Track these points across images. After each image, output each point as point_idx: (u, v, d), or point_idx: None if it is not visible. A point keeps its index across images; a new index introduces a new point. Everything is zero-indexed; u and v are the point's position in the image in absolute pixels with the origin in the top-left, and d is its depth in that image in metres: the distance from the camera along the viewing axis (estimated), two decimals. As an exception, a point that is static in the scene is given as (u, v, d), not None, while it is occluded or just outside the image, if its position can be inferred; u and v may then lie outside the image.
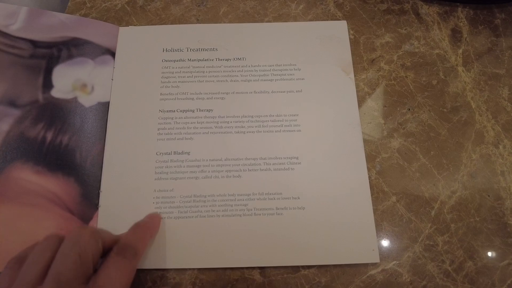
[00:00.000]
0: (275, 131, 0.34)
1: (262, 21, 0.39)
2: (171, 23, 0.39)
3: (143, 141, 0.33)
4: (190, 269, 0.30)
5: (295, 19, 0.39)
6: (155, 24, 0.39)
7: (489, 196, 0.33)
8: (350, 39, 0.38)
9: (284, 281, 0.30)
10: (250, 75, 0.36)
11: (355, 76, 0.37)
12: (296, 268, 0.31)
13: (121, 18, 0.39)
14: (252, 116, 0.34)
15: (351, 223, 0.31)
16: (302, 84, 0.36)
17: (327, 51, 0.37)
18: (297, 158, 0.33)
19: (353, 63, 0.37)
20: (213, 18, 0.39)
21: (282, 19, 0.39)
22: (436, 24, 0.39)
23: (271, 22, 0.39)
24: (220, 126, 0.34)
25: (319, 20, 0.39)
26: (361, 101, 0.36)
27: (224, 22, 0.39)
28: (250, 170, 0.32)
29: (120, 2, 0.40)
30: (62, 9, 0.42)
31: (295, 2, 0.40)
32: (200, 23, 0.39)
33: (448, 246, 0.31)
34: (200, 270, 0.30)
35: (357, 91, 0.36)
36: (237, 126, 0.34)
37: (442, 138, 0.35)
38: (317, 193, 0.32)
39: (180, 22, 0.39)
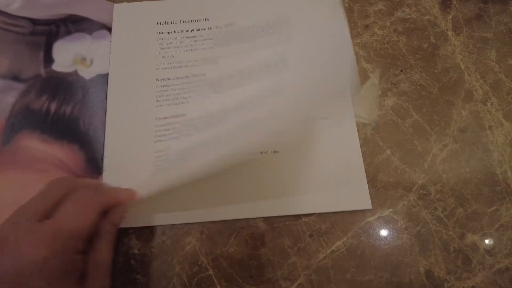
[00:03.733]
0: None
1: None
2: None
3: (143, 108, 0.35)
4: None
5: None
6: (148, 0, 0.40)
7: (478, 149, 0.35)
8: (344, 7, 0.40)
9: (286, 228, 0.32)
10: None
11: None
12: (297, 216, 0.32)
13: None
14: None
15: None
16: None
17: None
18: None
19: (349, 29, 0.39)
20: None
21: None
22: (426, -9, 0.41)
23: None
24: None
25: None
26: (356, 63, 0.38)
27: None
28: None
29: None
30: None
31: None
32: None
33: (440, 195, 0.33)
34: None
35: (353, 55, 0.38)
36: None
37: (433, 97, 0.37)
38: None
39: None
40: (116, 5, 0.39)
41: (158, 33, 0.38)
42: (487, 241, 0.31)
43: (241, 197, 0.32)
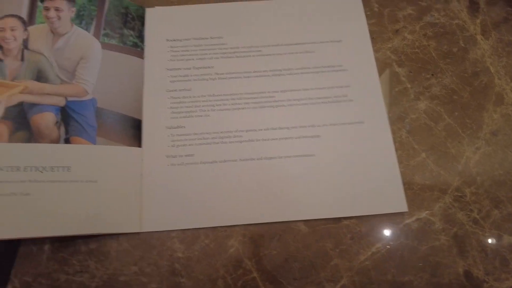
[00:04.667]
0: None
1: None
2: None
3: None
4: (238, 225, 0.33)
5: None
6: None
7: (511, 151, 0.35)
8: (374, 11, 0.41)
9: (327, 230, 0.33)
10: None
11: (381, 45, 0.39)
12: (337, 219, 0.33)
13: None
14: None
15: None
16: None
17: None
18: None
19: (379, 34, 0.40)
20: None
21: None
22: (454, -4, 0.41)
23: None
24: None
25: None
26: (388, 68, 0.38)
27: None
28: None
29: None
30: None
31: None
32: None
33: (476, 197, 0.34)
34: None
35: (384, 59, 0.39)
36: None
37: (464, 100, 0.37)
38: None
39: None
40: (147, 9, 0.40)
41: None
42: (523, 242, 0.32)
43: (282, 199, 0.33)
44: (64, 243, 0.33)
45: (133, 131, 0.35)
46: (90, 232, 0.32)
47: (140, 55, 0.38)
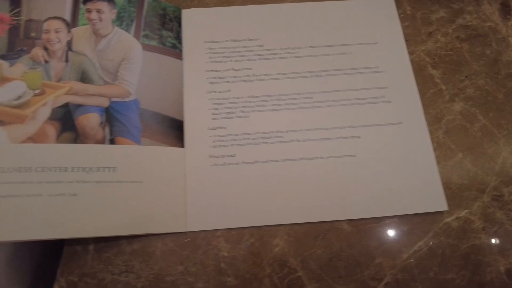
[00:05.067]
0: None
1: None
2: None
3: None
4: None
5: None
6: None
7: (545, 151, 0.36)
8: (407, 14, 0.41)
9: (370, 229, 0.33)
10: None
11: (415, 48, 0.40)
12: (380, 218, 0.34)
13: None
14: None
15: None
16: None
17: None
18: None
19: (412, 36, 0.40)
20: None
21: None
22: (485, -1, 0.42)
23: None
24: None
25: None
26: (423, 70, 0.39)
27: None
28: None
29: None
30: None
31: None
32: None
33: (513, 196, 0.35)
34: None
35: (418, 61, 0.39)
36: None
37: (499, 102, 0.38)
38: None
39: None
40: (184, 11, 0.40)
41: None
42: (562, 240, 0.33)
43: (325, 199, 0.33)
44: (108, 243, 0.33)
45: (175, 132, 0.35)
46: (137, 232, 0.32)
47: (179, 56, 0.38)
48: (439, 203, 0.34)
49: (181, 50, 0.38)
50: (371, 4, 0.41)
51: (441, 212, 0.34)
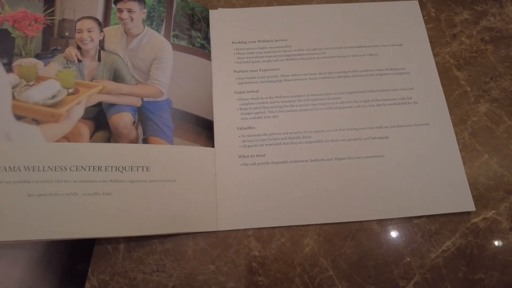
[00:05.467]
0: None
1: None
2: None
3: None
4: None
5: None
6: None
7: None
8: (431, 16, 0.42)
9: (399, 229, 0.34)
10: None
11: (439, 49, 0.40)
12: (408, 218, 0.34)
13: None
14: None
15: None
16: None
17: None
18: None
19: (437, 38, 0.41)
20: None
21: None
22: (509, 1, 0.42)
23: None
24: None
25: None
26: (447, 71, 0.39)
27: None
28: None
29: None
30: None
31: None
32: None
33: (539, 197, 0.35)
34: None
35: (443, 63, 0.40)
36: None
37: (524, 103, 0.38)
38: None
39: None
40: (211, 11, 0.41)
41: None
42: None
43: (355, 200, 0.34)
44: (139, 243, 0.33)
45: (205, 131, 0.35)
46: (170, 231, 0.32)
47: (208, 56, 0.38)
48: (467, 204, 0.34)
49: (209, 51, 0.39)
50: (396, 6, 0.41)
51: (469, 213, 0.34)
